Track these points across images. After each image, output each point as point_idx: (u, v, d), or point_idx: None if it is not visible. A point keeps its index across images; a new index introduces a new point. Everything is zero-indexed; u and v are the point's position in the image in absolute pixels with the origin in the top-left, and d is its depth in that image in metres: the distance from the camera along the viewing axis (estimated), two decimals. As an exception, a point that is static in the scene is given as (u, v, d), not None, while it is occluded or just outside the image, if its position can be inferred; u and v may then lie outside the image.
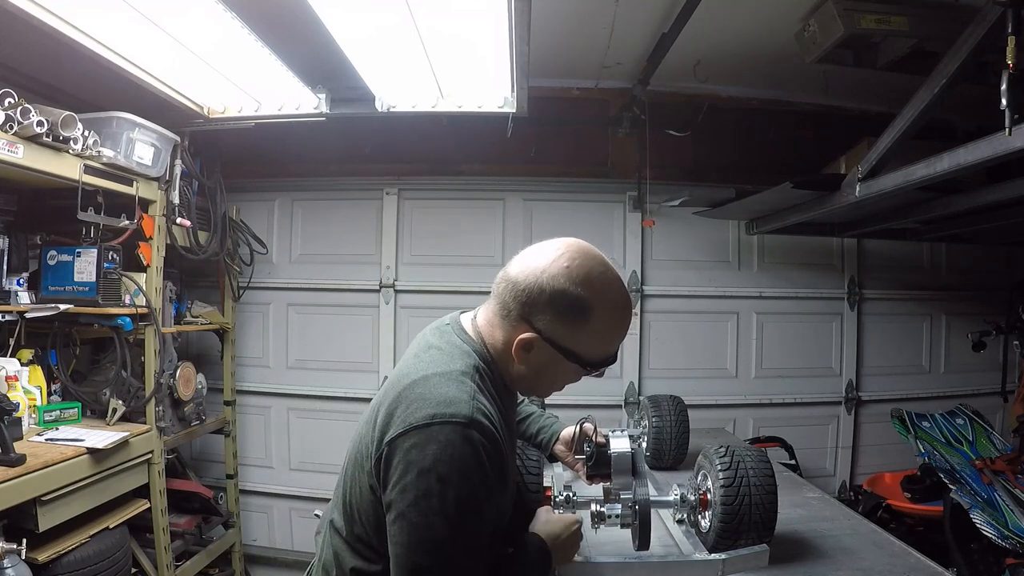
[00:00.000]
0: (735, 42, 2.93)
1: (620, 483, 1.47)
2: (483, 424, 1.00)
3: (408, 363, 1.14)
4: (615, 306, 1.11)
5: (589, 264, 1.09)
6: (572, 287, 1.07)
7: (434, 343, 1.16)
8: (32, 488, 2.04)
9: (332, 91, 2.60)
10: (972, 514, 2.50)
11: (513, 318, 1.10)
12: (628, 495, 1.45)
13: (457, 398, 1.01)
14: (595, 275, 1.09)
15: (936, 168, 2.06)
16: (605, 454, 1.49)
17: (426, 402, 1.01)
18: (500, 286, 1.13)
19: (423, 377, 1.06)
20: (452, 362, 1.10)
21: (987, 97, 1.80)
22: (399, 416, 1.02)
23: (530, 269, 1.09)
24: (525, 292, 1.08)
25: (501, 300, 1.12)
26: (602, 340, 1.12)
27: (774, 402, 3.70)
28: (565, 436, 1.64)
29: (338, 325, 3.68)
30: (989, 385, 3.72)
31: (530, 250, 1.14)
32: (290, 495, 3.68)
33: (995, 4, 1.65)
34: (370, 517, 1.09)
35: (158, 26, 1.96)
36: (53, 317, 2.49)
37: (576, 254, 1.10)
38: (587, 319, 1.08)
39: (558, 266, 1.08)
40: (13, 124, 2.03)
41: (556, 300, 1.07)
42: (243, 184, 3.51)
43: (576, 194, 3.65)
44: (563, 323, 1.08)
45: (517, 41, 2.00)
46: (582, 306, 1.07)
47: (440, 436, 0.98)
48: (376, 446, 1.04)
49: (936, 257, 3.91)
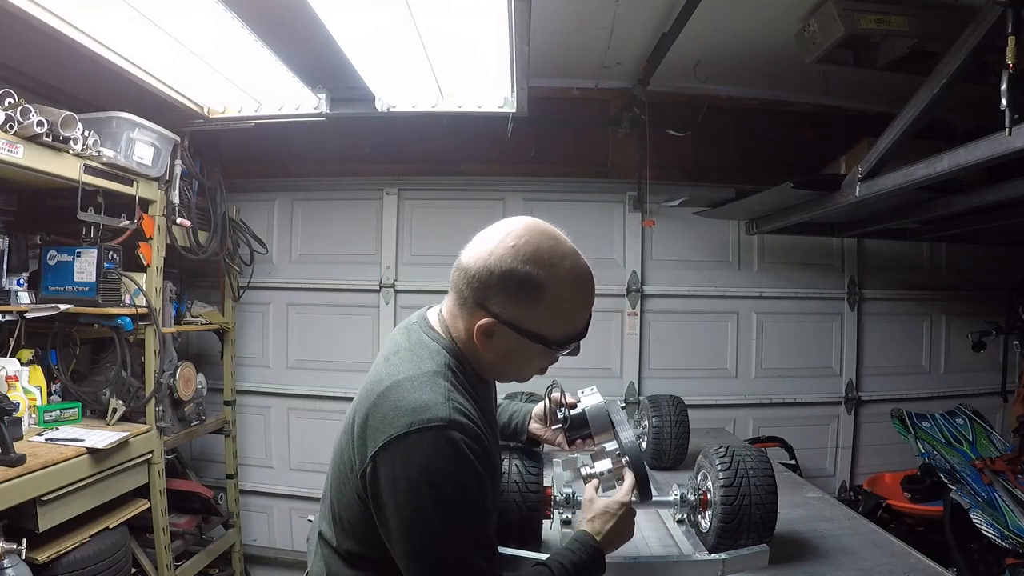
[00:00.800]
0: (735, 42, 2.93)
1: (603, 438, 1.41)
2: (462, 423, 0.99)
3: (379, 368, 1.12)
4: (571, 280, 1.07)
5: (537, 240, 1.06)
6: (520, 265, 1.04)
7: (402, 344, 1.14)
8: (32, 488, 2.04)
9: (332, 91, 2.60)
10: (972, 514, 2.50)
11: (469, 305, 1.08)
12: (614, 447, 1.39)
13: (432, 401, 1.00)
14: (544, 250, 1.06)
15: (936, 168, 2.06)
16: (580, 414, 1.43)
17: (401, 410, 0.99)
18: (455, 275, 1.11)
19: (395, 383, 1.04)
20: (422, 363, 1.08)
21: (987, 97, 1.80)
22: (377, 427, 1.00)
23: (479, 253, 1.07)
24: (476, 277, 1.06)
25: (457, 289, 1.10)
26: (562, 317, 1.09)
27: (774, 402, 3.70)
28: (537, 413, 1.57)
29: (338, 325, 3.68)
30: (989, 385, 3.72)
31: (480, 234, 1.12)
32: (290, 495, 3.68)
33: (995, 4, 1.65)
34: (359, 527, 1.08)
35: (158, 26, 1.96)
36: (53, 317, 2.49)
37: (522, 231, 1.07)
38: (540, 296, 1.05)
39: (504, 246, 1.05)
40: (13, 124, 2.02)
41: (506, 281, 1.04)
42: (243, 184, 3.51)
43: (576, 194, 3.65)
44: (517, 304, 1.05)
45: (517, 41, 2.00)
46: (533, 284, 1.04)
47: (422, 443, 0.97)
48: (360, 460, 1.02)
49: (936, 257, 3.91)
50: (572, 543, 1.18)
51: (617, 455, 1.38)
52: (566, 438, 1.46)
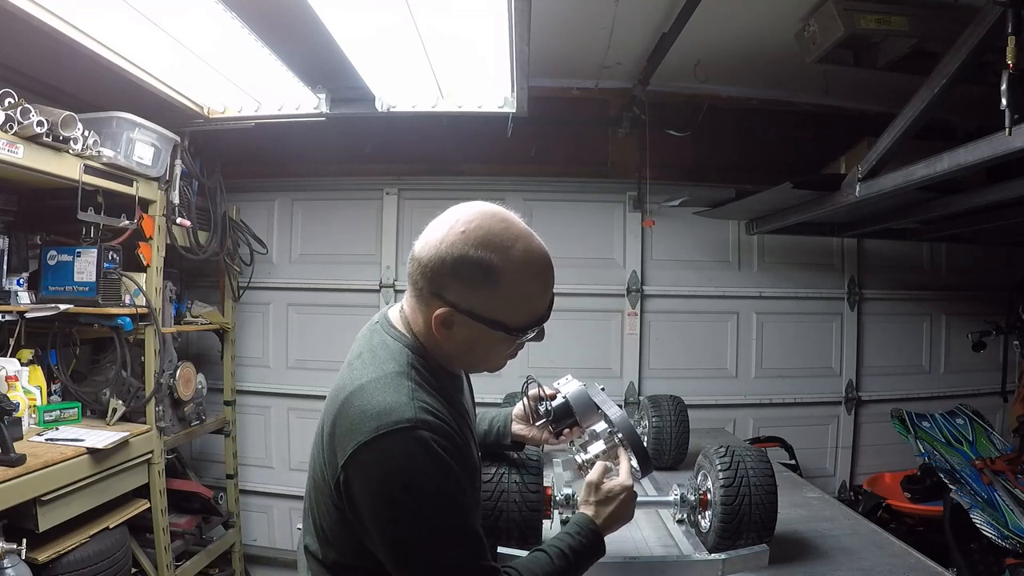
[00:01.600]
0: (735, 42, 2.93)
1: (589, 421, 1.39)
2: (429, 421, 0.98)
3: (343, 374, 1.10)
4: (525, 261, 1.04)
5: (488, 223, 1.03)
6: (472, 250, 1.01)
7: (364, 347, 1.12)
8: (32, 488, 2.04)
9: (332, 91, 2.60)
10: (972, 514, 2.50)
11: (426, 296, 1.06)
12: (604, 427, 1.37)
13: (396, 402, 0.98)
14: (495, 233, 1.03)
15: (936, 168, 2.06)
16: (563, 404, 1.40)
17: (367, 415, 0.97)
18: (409, 267, 1.08)
19: (359, 387, 1.02)
20: (384, 364, 1.06)
21: (987, 97, 1.80)
22: (344, 434, 0.99)
23: (430, 242, 1.04)
24: (429, 267, 1.03)
25: (412, 281, 1.08)
26: (520, 301, 1.05)
27: (774, 402, 3.70)
28: (517, 413, 1.50)
29: (338, 325, 3.67)
30: (989, 385, 3.72)
31: (431, 224, 1.08)
32: (290, 495, 3.68)
33: (995, 4, 1.65)
34: (340, 537, 1.06)
35: (158, 26, 1.96)
36: (53, 317, 2.49)
37: (473, 216, 1.04)
38: (496, 281, 1.02)
39: (455, 232, 1.02)
40: (13, 124, 2.02)
41: (459, 268, 1.01)
42: (243, 184, 3.51)
43: (576, 194, 3.65)
44: (473, 290, 1.02)
45: (517, 41, 2.00)
46: (487, 268, 1.01)
47: (391, 447, 0.95)
48: (331, 470, 1.01)
49: (936, 257, 3.91)
50: (571, 527, 1.17)
51: (609, 433, 1.36)
52: (552, 431, 1.42)
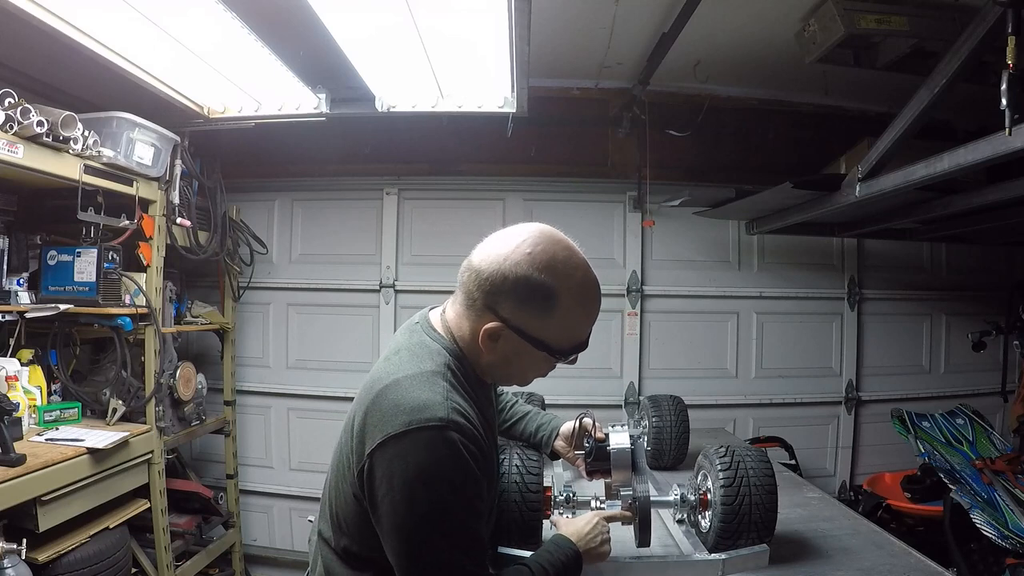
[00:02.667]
0: (735, 42, 2.93)
1: (620, 479, 1.46)
2: (460, 423, 1.00)
3: (379, 367, 1.12)
4: (581, 292, 1.08)
5: (553, 249, 1.06)
6: (535, 273, 1.04)
7: (403, 344, 1.14)
8: (32, 488, 2.04)
9: (332, 91, 2.60)
10: (972, 514, 2.50)
11: (478, 308, 1.08)
12: (628, 492, 1.44)
13: (431, 401, 1.00)
14: (559, 260, 1.06)
15: (936, 168, 2.06)
16: (604, 450, 1.47)
17: (400, 409, 0.99)
18: (464, 275, 1.10)
19: (394, 381, 1.04)
20: (422, 362, 1.08)
21: (987, 97, 1.80)
22: (375, 425, 1.01)
23: (493, 256, 1.07)
24: (488, 280, 1.06)
25: (466, 290, 1.10)
26: (570, 327, 1.09)
27: (774, 402, 3.70)
28: (564, 432, 1.62)
29: (338, 325, 3.68)
30: (989, 385, 3.72)
31: (493, 237, 1.11)
32: (290, 495, 3.68)
33: (995, 4, 1.65)
34: (356, 526, 1.08)
35: (158, 26, 1.96)
36: (53, 317, 2.49)
37: (539, 239, 1.07)
38: (552, 306, 1.05)
39: (520, 252, 1.05)
40: (13, 124, 2.02)
41: (519, 287, 1.04)
42: (243, 184, 3.51)
43: (576, 194, 3.65)
44: (528, 311, 1.06)
45: (517, 41, 2.00)
46: (546, 293, 1.04)
47: (419, 443, 0.97)
48: (357, 458, 1.03)
49: (936, 257, 3.91)
50: (550, 544, 1.22)
51: (629, 503, 1.43)
52: (586, 467, 1.52)
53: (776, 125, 3.59)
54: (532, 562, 1.15)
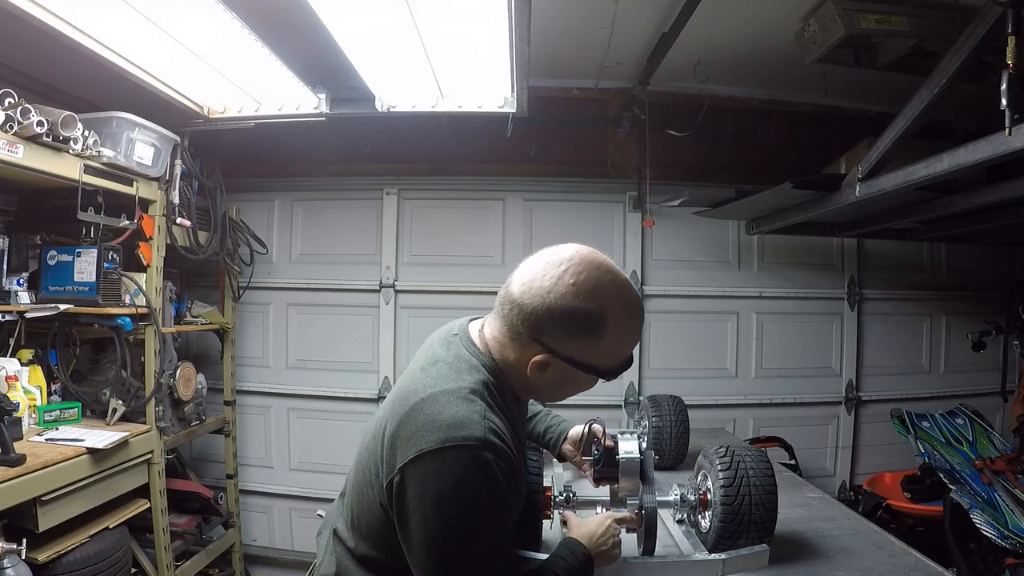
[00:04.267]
0: (735, 42, 2.93)
1: (627, 487, 1.46)
2: (495, 444, 0.99)
3: (415, 378, 1.10)
4: (628, 312, 1.08)
5: (596, 275, 1.05)
6: (582, 303, 1.03)
7: (441, 356, 1.13)
8: (32, 488, 2.04)
9: (332, 91, 2.60)
10: (972, 514, 2.50)
11: (524, 340, 1.08)
12: (634, 500, 1.43)
13: (468, 419, 0.99)
14: (604, 284, 1.05)
15: (936, 168, 2.06)
16: (613, 457, 1.47)
17: (436, 425, 0.98)
18: (506, 308, 1.09)
19: (431, 396, 1.03)
20: (460, 378, 1.07)
21: (987, 97, 1.80)
22: (409, 438, 1.00)
23: (535, 290, 1.05)
24: (533, 315, 1.05)
25: (509, 323, 1.08)
26: (618, 347, 1.10)
27: (774, 402, 3.70)
28: (573, 435, 1.61)
29: (338, 325, 3.68)
30: (989, 385, 3.71)
31: (532, 264, 1.09)
32: (290, 495, 3.68)
33: (995, 4, 1.65)
34: (377, 533, 1.08)
35: (158, 26, 1.96)
36: (53, 317, 2.49)
37: (581, 266, 1.05)
38: (603, 333, 1.05)
39: (564, 284, 1.04)
40: (13, 124, 2.02)
41: (567, 319, 1.04)
42: (243, 184, 3.51)
43: (576, 194, 3.65)
44: (577, 340, 1.06)
45: (517, 41, 2.00)
46: (596, 321, 1.04)
47: (454, 461, 0.96)
48: (388, 468, 1.02)
49: (936, 257, 3.91)
50: (563, 549, 1.22)
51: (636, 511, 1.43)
52: (593, 472, 1.52)
53: (776, 125, 3.59)
54: (547, 569, 1.15)
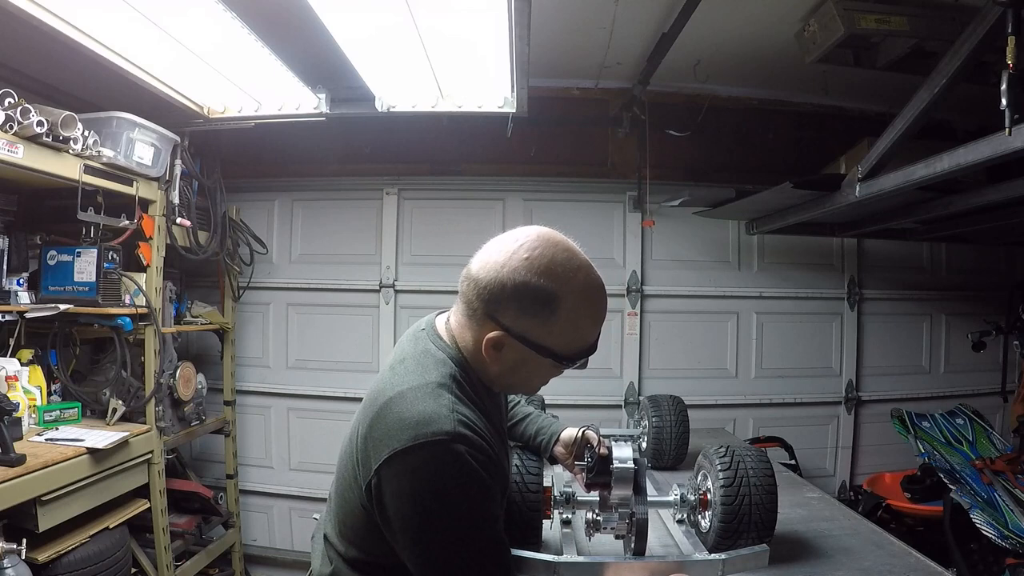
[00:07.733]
0: (735, 42, 2.93)
1: (620, 495, 1.43)
2: (467, 436, 0.98)
3: (384, 377, 1.10)
4: (584, 294, 1.05)
5: (551, 252, 1.03)
6: (534, 278, 1.01)
7: (408, 353, 1.12)
8: (32, 488, 2.04)
9: (332, 91, 2.60)
10: (972, 514, 2.50)
11: (479, 317, 1.06)
12: (626, 510, 1.41)
13: (436, 414, 0.98)
14: (558, 262, 1.03)
15: (936, 168, 2.06)
16: (607, 465, 1.42)
17: (405, 423, 0.97)
18: (463, 285, 1.08)
19: (399, 394, 1.02)
20: (427, 373, 1.05)
21: (987, 97, 1.80)
22: (380, 439, 0.99)
23: (490, 264, 1.04)
24: (487, 289, 1.03)
25: (466, 299, 1.08)
26: (575, 331, 1.06)
27: (774, 402, 3.70)
28: (565, 438, 1.58)
29: (338, 325, 3.68)
30: (989, 385, 3.72)
31: (491, 243, 1.08)
32: (290, 495, 3.68)
33: (995, 4, 1.65)
34: (363, 535, 1.08)
35: (158, 26, 1.96)
36: (53, 317, 2.49)
37: (536, 243, 1.04)
38: (555, 310, 1.02)
39: (518, 258, 1.02)
40: (13, 124, 2.03)
41: (519, 294, 1.02)
42: (243, 184, 3.51)
43: (576, 194, 3.65)
44: (530, 317, 1.03)
45: (517, 41, 2.00)
46: (547, 298, 1.02)
47: (426, 457, 0.95)
48: (364, 471, 1.01)
49: (936, 257, 3.91)
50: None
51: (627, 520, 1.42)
52: (586, 479, 1.47)
53: (776, 125, 3.60)
54: None
